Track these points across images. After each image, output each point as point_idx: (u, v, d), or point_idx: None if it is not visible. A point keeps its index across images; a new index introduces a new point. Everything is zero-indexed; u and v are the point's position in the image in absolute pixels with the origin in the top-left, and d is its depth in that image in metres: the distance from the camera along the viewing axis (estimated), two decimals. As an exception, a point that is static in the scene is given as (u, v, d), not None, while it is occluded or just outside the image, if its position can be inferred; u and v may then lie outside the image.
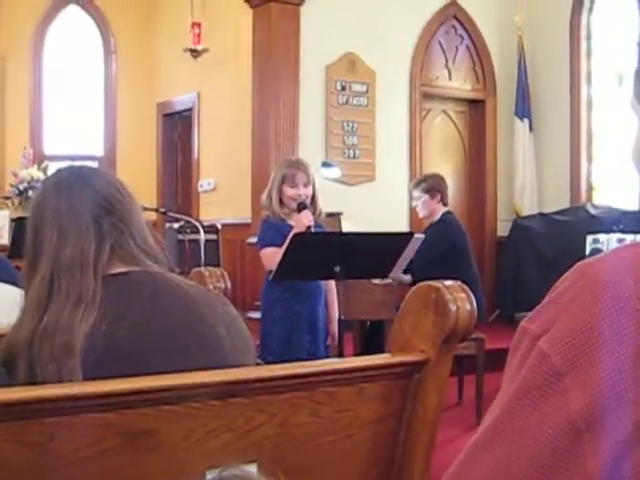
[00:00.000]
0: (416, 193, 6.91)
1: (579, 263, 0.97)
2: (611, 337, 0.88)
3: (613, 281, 0.90)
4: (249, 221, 9.54)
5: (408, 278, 6.40)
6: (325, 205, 5.47)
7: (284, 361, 2.00)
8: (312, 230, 5.13)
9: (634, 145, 1.07)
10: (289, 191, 5.26)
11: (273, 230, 5.26)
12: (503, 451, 0.94)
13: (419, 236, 6.33)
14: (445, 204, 6.89)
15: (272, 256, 5.05)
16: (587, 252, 8.25)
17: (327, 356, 5.28)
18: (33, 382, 1.75)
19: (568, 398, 0.88)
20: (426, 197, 6.83)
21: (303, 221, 5.14)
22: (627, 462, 0.85)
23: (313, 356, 5.15)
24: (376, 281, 6.56)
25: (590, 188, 10.84)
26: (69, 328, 1.80)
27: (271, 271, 5.06)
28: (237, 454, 1.73)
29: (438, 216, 6.84)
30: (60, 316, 1.83)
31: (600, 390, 0.87)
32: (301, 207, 5.20)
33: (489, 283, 10.02)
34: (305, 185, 5.27)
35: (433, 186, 6.86)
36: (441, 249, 6.63)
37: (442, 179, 7.05)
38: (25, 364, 1.78)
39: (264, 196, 5.39)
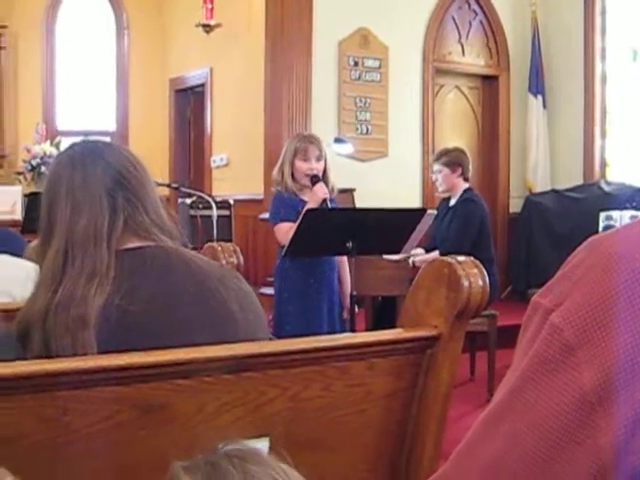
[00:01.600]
0: (436, 166, 6.82)
1: (591, 237, 0.97)
2: (624, 311, 0.88)
3: (626, 255, 0.90)
4: (261, 197, 9.54)
5: (436, 254, 6.41)
6: (338, 181, 5.45)
7: (299, 336, 2.01)
8: (328, 203, 5.11)
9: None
10: (301, 165, 5.24)
11: (286, 205, 5.24)
12: (515, 426, 0.94)
13: (431, 212, 6.34)
14: (466, 179, 6.80)
15: (288, 231, 5.03)
16: (600, 229, 8.23)
17: (344, 331, 5.27)
18: (48, 355, 1.75)
19: (580, 372, 0.88)
20: (447, 171, 6.74)
21: (318, 194, 5.11)
22: (639, 436, 0.85)
23: (330, 332, 5.14)
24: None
25: (604, 165, 10.80)
26: (83, 301, 1.81)
27: (284, 247, 5.06)
28: (249, 428, 1.74)
29: (459, 192, 6.76)
30: (74, 289, 1.83)
31: (613, 364, 0.87)
32: (315, 180, 5.17)
33: (501, 259, 9.99)
34: (317, 159, 5.25)
35: (454, 160, 6.77)
36: (475, 229, 6.62)
37: (464, 153, 6.94)
38: (40, 337, 1.79)
39: (275, 171, 5.37)
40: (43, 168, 9.97)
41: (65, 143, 9.39)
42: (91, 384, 1.58)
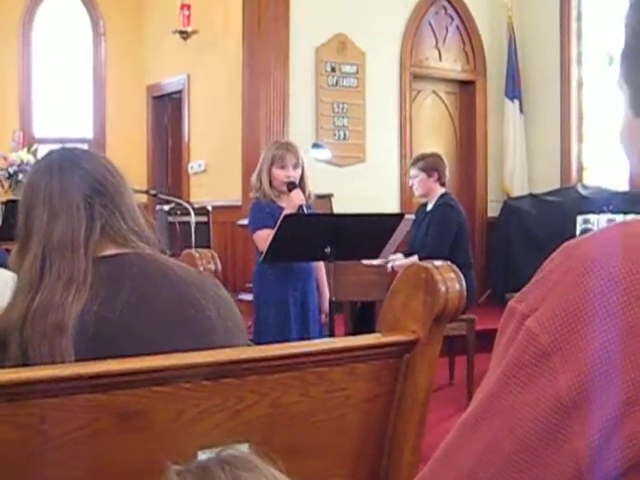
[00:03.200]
0: (413, 171, 6.84)
1: (566, 243, 0.98)
2: (599, 316, 0.88)
3: (601, 260, 0.91)
4: (240, 203, 9.52)
5: (414, 259, 6.41)
6: (315, 187, 5.46)
7: (278, 342, 2.01)
8: (304, 209, 5.13)
9: (621, 127, 1.08)
10: (278, 173, 5.26)
11: (264, 212, 5.26)
12: (491, 431, 0.94)
13: (409, 217, 6.35)
14: (443, 184, 6.82)
15: (267, 238, 5.04)
16: (577, 232, 8.25)
17: (322, 335, 5.29)
18: (25, 363, 1.75)
19: (556, 377, 0.89)
20: (423, 176, 6.75)
21: (295, 200, 5.14)
22: (615, 440, 0.86)
23: (308, 336, 5.15)
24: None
25: (580, 169, 10.85)
26: (61, 308, 1.81)
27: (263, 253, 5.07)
28: (228, 434, 1.73)
29: (436, 197, 6.78)
30: (52, 296, 1.83)
31: (588, 369, 0.87)
32: (291, 187, 5.20)
33: (480, 264, 10.01)
34: (294, 167, 5.27)
35: (431, 165, 6.79)
36: (452, 233, 6.63)
37: (440, 158, 6.96)
38: (17, 345, 1.79)
39: (254, 178, 5.39)
40: (20, 176, 9.93)
41: (42, 151, 9.36)
42: (69, 392, 1.58)
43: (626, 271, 0.89)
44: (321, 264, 5.32)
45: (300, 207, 5.12)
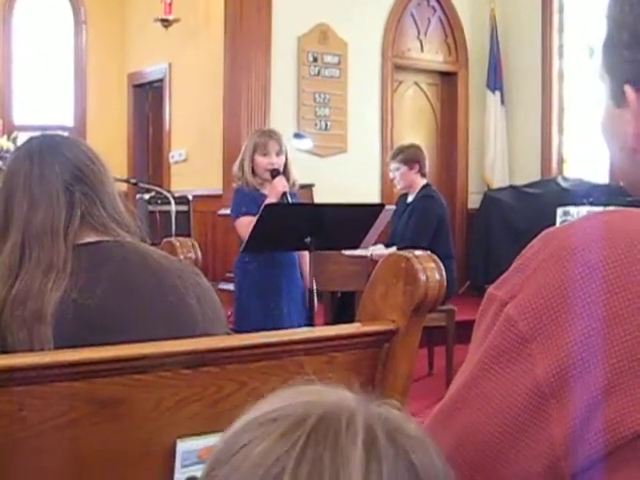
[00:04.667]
0: (394, 165, 6.80)
1: (546, 230, 0.98)
2: (579, 304, 0.88)
3: (580, 248, 0.91)
4: (220, 192, 9.51)
5: (393, 250, 6.39)
6: (297, 177, 5.45)
7: (259, 331, 2.00)
8: (287, 196, 5.11)
9: (602, 118, 1.08)
10: (261, 160, 5.23)
11: (247, 199, 5.23)
12: (469, 417, 0.94)
13: (390, 207, 6.34)
14: (424, 175, 6.81)
15: (249, 225, 4.99)
16: (557, 224, 8.26)
17: (305, 325, 5.27)
18: (4, 350, 1.74)
19: (534, 364, 0.89)
20: (404, 168, 6.72)
21: (278, 187, 5.11)
22: (594, 427, 0.86)
23: (292, 326, 5.13)
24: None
25: (561, 161, 10.88)
26: (40, 295, 1.80)
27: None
28: (207, 423, 1.73)
29: (417, 188, 6.77)
30: (31, 283, 1.82)
31: (566, 356, 0.87)
32: (275, 174, 5.17)
33: (460, 255, 10.01)
34: (277, 154, 5.25)
35: (411, 157, 6.76)
36: (433, 225, 6.62)
37: (420, 149, 6.94)
38: (-5, 333, 1.78)
39: (236, 167, 5.36)
40: (0, 163, 9.88)
41: (22, 138, 9.30)
42: (48, 379, 1.57)
43: (606, 259, 0.89)
44: (306, 254, 5.26)
45: (284, 194, 5.09)
